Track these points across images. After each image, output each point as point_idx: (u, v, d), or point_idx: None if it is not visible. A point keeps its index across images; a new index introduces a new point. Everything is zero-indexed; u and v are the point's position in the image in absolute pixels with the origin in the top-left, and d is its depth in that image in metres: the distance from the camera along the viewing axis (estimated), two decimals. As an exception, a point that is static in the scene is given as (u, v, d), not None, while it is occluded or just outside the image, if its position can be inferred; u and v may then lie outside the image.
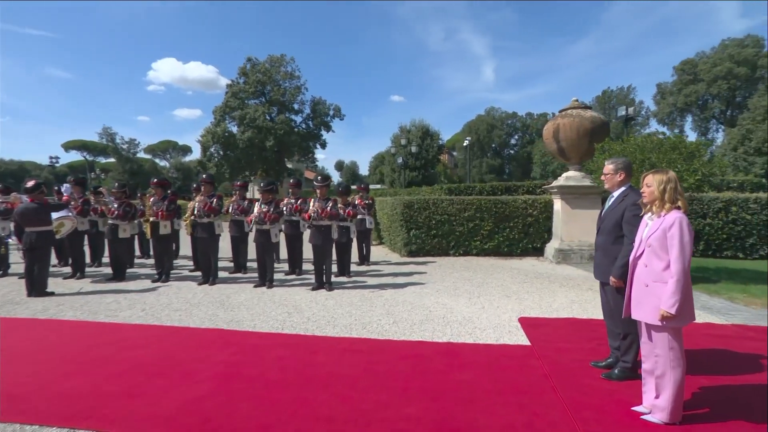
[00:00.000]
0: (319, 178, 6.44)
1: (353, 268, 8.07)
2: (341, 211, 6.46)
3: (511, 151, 63.04)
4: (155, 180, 7.18)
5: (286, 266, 8.10)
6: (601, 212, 3.24)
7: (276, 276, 7.02)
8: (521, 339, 4.08)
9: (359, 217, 8.37)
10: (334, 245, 6.73)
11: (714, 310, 5.10)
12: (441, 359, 3.55)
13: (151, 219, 6.97)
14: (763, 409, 2.59)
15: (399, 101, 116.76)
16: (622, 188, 3.12)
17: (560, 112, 9.22)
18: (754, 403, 2.70)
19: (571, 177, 8.96)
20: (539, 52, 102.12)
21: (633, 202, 2.93)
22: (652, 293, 2.38)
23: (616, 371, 3.05)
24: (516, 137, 63.24)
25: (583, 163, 9.07)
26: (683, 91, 34.51)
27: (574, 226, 8.85)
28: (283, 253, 9.11)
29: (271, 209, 6.45)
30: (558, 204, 9.09)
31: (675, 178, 2.39)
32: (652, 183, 2.44)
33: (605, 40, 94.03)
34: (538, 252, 9.60)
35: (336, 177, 70.43)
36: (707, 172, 5.66)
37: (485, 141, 58.67)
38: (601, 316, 4.74)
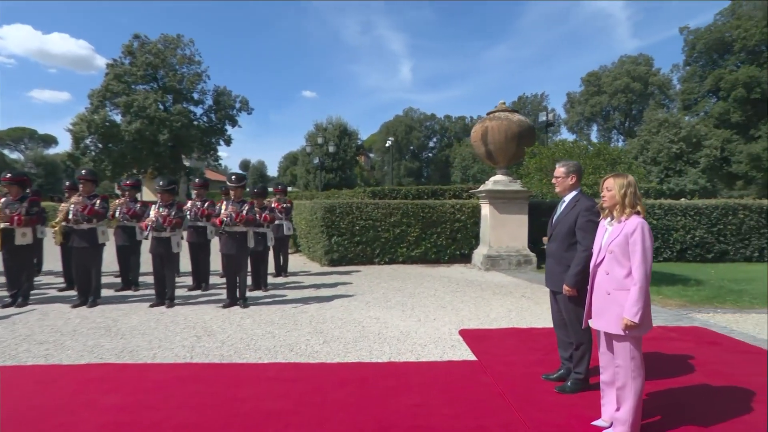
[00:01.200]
0: (233, 177, 5.92)
1: (269, 280, 7.60)
2: (257, 216, 6.01)
3: (430, 154, 65.76)
4: (8, 175, 5.97)
5: (188, 280, 7.35)
6: (552, 218, 3.34)
7: (177, 292, 6.31)
8: (466, 353, 4.09)
9: (276, 222, 7.92)
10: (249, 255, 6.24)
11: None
12: (385, 382, 3.39)
13: (2, 225, 5.80)
14: (706, 412, 2.85)
15: (311, 97, 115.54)
16: (574, 192, 3.24)
17: (488, 114, 9.72)
18: (696, 405, 2.96)
19: (499, 181, 9.43)
20: (457, 54, 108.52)
21: (586, 207, 3.06)
22: (614, 301, 2.47)
23: (569, 383, 3.15)
24: (434, 140, 66.16)
25: (510, 166, 9.64)
26: (589, 102, 39.14)
27: (502, 231, 9.30)
28: (185, 264, 8.26)
29: (173, 213, 5.77)
30: (486, 209, 9.49)
31: (635, 183, 2.52)
32: (613, 187, 2.54)
33: (520, 47, 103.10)
34: (466, 259, 9.94)
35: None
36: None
37: (403, 143, 60.53)
38: (542, 325, 5.01)
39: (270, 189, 8.63)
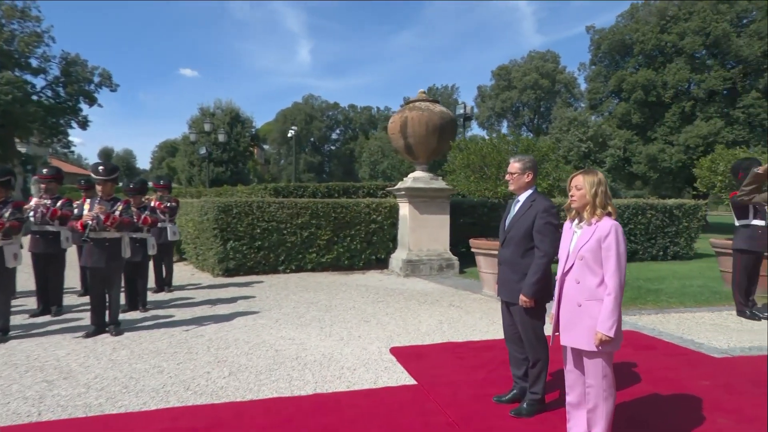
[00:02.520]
0: (101, 168, 5.10)
1: (150, 297, 6.78)
2: (135, 218, 5.26)
3: (332, 147, 65.57)
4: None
5: (31, 303, 6.25)
6: (505, 220, 3.32)
7: (14, 320, 5.29)
8: (403, 376, 3.94)
9: (159, 225, 7.10)
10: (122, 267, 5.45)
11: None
12: (316, 420, 3.09)
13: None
14: (668, 426, 3.00)
15: (192, 76, 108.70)
16: (529, 191, 3.24)
17: (407, 104, 9.80)
18: (655, 419, 3.12)
19: (419, 178, 9.54)
20: (360, 37, 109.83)
21: (544, 207, 3.06)
22: (586, 314, 2.47)
23: (525, 405, 3.14)
24: (338, 131, 66.06)
25: (431, 162, 9.80)
26: (500, 96, 41.97)
27: (422, 233, 9.42)
28: (26, 282, 7.05)
29: (5, 214, 4.80)
30: (405, 208, 9.56)
31: (605, 181, 2.54)
32: (582, 185, 2.53)
33: (427, 35, 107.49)
34: (383, 264, 9.96)
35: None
36: (557, 176, 6.71)
37: (303, 134, 59.55)
38: (479, 337, 5.07)
39: (150, 184, 7.72)
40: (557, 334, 2.64)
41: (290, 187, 12.30)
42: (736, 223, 6.45)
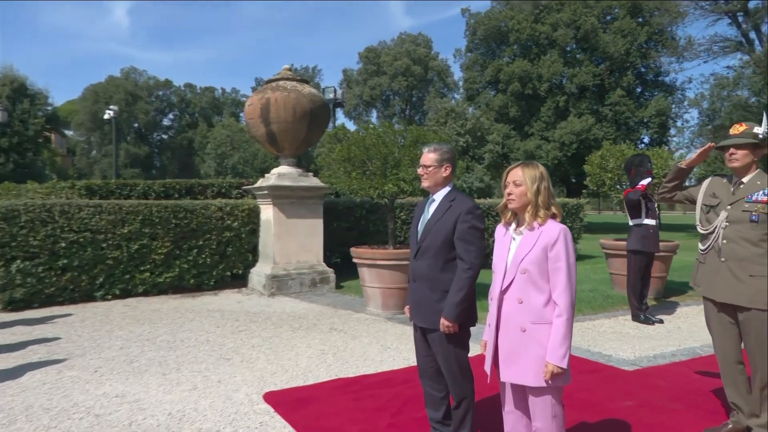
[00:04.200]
0: None
1: None
2: None
3: (164, 136, 61.64)
4: None
5: None
6: (417, 225, 3.14)
7: None
8: (285, 433, 3.53)
9: None
10: None
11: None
12: None
13: None
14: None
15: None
16: (447, 189, 3.09)
17: (269, 82, 9.46)
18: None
19: (285, 174, 9.22)
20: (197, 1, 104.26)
21: (467, 209, 2.92)
22: (532, 340, 2.36)
23: (448, 457, 2.95)
24: (171, 116, 62.33)
25: (299, 154, 9.46)
26: (369, 83, 43.01)
27: (291, 241, 9.13)
28: None
29: None
30: (268, 212, 9.20)
31: (548, 175, 2.46)
32: (523, 180, 2.42)
33: (279, 6, 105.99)
34: (240, 281, 9.54)
35: None
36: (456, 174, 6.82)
37: (124, 118, 54.71)
38: (373, 369, 4.87)
39: None
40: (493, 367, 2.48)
41: (111, 185, 10.92)
42: (630, 223, 7.16)
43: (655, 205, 7.27)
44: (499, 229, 2.62)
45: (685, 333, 6.42)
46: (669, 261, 8.61)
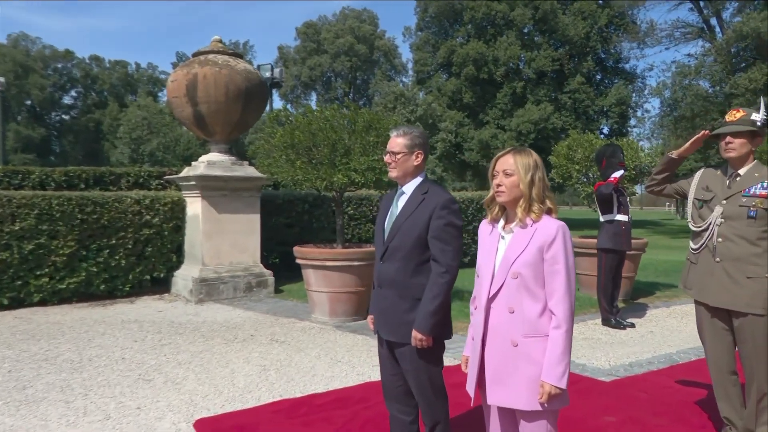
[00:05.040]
0: None
1: None
2: None
3: (65, 117, 60.02)
4: None
5: None
6: (384, 222, 3.02)
7: None
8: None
9: None
10: None
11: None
12: None
13: None
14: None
15: None
16: (418, 179, 2.98)
17: (197, 55, 9.27)
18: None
19: (216, 162, 9.08)
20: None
21: (443, 203, 2.82)
22: (526, 357, 2.26)
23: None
24: (73, 94, 60.69)
25: (233, 140, 9.28)
26: (308, 62, 42.70)
27: (222, 240, 8.99)
28: None
29: None
30: (196, 206, 9.04)
31: (542, 165, 2.38)
32: (514, 169, 2.31)
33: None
34: (162, 286, 9.33)
35: None
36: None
37: (12, 94, 52.19)
38: (324, 386, 4.75)
39: None
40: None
41: (-9, 171, 10.32)
42: (601, 219, 7.28)
43: (628, 200, 7.42)
44: (484, 227, 2.52)
45: (658, 338, 6.60)
46: (638, 260, 8.87)
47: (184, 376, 5.09)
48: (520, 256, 2.28)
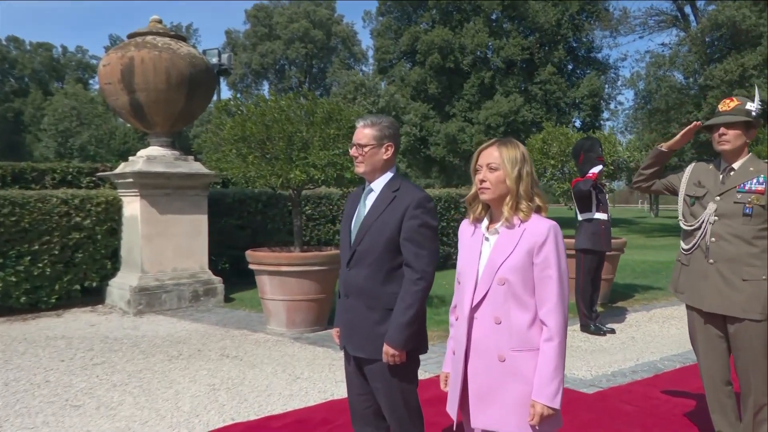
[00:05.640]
0: None
1: None
2: None
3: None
4: None
5: None
6: (350, 224, 2.95)
7: None
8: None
9: None
10: None
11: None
12: None
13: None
14: None
15: None
16: (388, 175, 2.91)
17: (132, 37, 9.20)
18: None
19: (157, 157, 9.02)
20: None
21: (417, 201, 2.76)
22: (514, 374, 2.21)
23: None
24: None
25: (176, 132, 9.26)
26: (258, 48, 42.48)
27: (165, 244, 8.94)
28: None
29: None
30: (134, 206, 8.97)
31: (531, 158, 2.32)
32: (500, 163, 2.25)
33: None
34: (95, 297, 9.21)
35: None
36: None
37: None
38: (282, 406, 4.68)
39: None
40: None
41: None
42: (579, 218, 7.33)
43: (606, 197, 7.49)
44: (465, 227, 2.47)
45: (640, 344, 6.69)
46: (617, 261, 8.99)
47: (119, 400, 4.96)
48: (507, 259, 2.23)
